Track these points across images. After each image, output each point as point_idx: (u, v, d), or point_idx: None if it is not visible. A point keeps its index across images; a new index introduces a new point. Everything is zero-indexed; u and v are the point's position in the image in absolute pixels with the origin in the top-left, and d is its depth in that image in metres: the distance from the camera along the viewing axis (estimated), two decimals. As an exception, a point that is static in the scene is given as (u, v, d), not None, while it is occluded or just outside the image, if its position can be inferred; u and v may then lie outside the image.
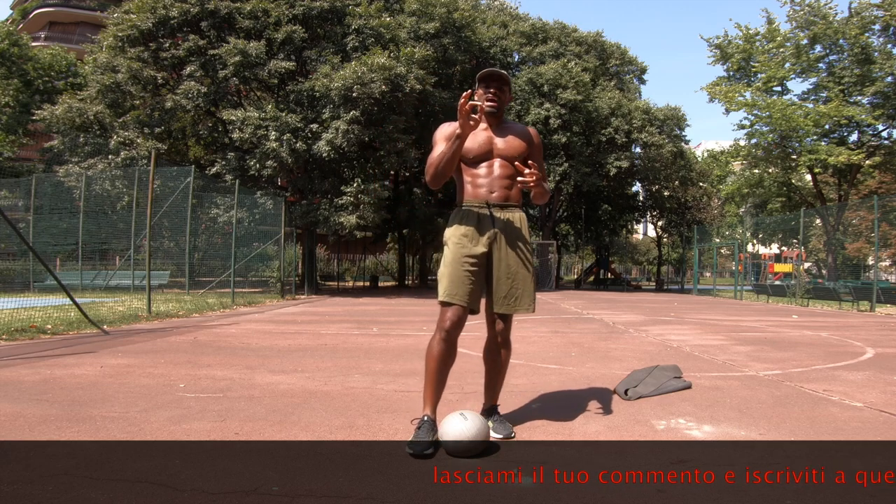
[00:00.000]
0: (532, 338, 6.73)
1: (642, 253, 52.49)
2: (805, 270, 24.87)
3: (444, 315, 2.51)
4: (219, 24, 16.96)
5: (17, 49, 24.11)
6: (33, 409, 3.03)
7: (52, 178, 17.62)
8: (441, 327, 2.50)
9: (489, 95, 2.63)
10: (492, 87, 2.63)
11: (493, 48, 22.55)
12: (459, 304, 2.50)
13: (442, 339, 2.49)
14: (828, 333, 7.70)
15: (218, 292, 14.22)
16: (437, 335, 2.51)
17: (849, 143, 23.40)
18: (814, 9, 22.50)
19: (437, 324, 2.54)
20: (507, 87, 2.66)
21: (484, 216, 2.60)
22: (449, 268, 2.55)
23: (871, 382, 4.10)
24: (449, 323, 2.49)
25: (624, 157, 23.46)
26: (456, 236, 2.59)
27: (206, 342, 5.97)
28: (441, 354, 2.49)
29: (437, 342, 2.50)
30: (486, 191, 2.61)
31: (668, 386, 3.68)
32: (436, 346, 2.50)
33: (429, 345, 2.54)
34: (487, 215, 2.60)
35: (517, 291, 2.62)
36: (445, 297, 2.52)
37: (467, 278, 2.52)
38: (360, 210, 16.26)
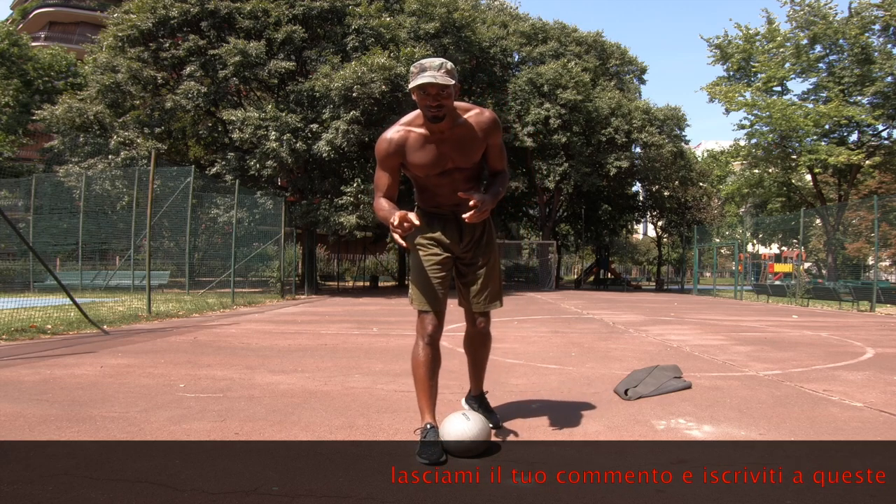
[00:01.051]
0: (532, 338, 6.73)
1: (642, 253, 52.47)
2: (805, 270, 24.86)
3: (424, 321, 2.49)
4: (219, 24, 16.96)
5: (17, 49, 24.11)
6: (33, 409, 3.03)
7: (52, 178, 17.63)
8: (423, 333, 2.48)
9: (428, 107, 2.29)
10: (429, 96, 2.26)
11: (493, 48, 22.53)
12: (436, 311, 2.49)
13: (426, 345, 2.47)
14: (828, 333, 7.69)
15: (218, 292, 14.22)
16: (420, 342, 2.48)
17: (849, 143, 23.41)
18: (814, 9, 22.50)
19: (417, 331, 2.51)
20: (448, 87, 2.25)
21: (448, 219, 2.56)
22: (420, 275, 2.51)
23: (871, 382, 4.10)
24: (431, 328, 2.48)
25: (624, 157, 23.45)
26: (422, 243, 2.53)
27: (206, 342, 5.97)
28: (428, 359, 2.46)
29: (421, 348, 2.47)
30: (447, 199, 2.51)
31: (668, 386, 3.68)
32: (421, 353, 2.47)
33: (413, 353, 2.49)
34: (452, 219, 2.55)
35: (487, 291, 2.62)
36: (421, 305, 2.49)
37: (438, 284, 2.50)
38: (360, 210, 16.26)
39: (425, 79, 2.23)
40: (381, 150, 2.44)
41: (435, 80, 2.22)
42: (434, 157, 2.41)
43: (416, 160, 2.42)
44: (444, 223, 2.55)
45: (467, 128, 2.42)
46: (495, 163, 2.59)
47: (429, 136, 2.40)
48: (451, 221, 2.54)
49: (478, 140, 2.44)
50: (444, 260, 2.53)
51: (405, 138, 2.42)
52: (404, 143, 2.42)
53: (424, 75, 2.24)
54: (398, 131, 2.44)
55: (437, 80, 2.22)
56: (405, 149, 2.42)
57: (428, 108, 2.29)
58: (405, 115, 2.51)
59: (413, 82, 2.26)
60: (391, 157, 2.43)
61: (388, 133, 2.44)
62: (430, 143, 2.40)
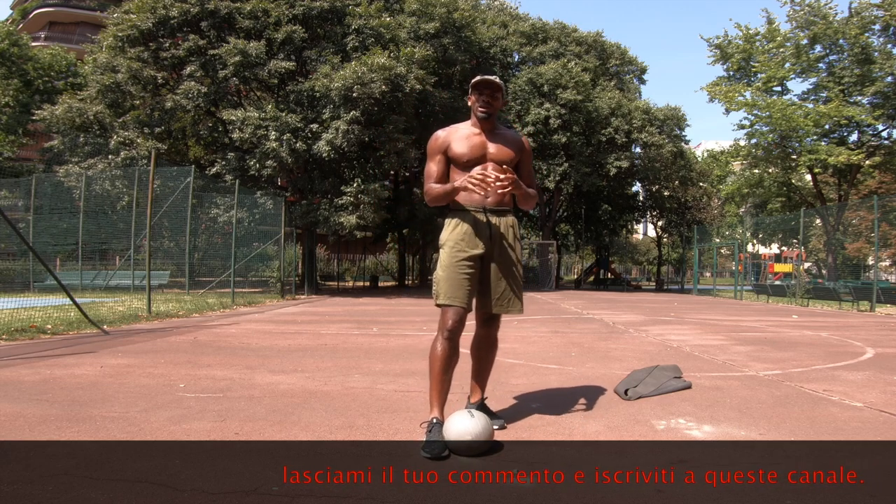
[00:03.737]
0: (532, 338, 6.73)
1: (642, 253, 52.48)
2: (805, 270, 24.88)
3: (446, 316, 2.56)
4: (219, 24, 16.96)
5: (17, 49, 24.11)
6: (33, 409, 3.03)
7: (52, 178, 17.62)
8: (444, 328, 2.55)
9: (482, 101, 2.64)
10: (484, 94, 2.64)
11: (493, 48, 22.55)
12: (460, 306, 2.55)
13: (446, 340, 2.54)
14: (828, 333, 7.70)
15: (218, 292, 14.22)
16: (440, 336, 2.56)
17: (849, 143, 23.40)
18: (814, 9, 22.50)
19: (438, 326, 2.59)
20: (499, 93, 2.66)
21: (479, 220, 2.64)
22: (447, 271, 2.60)
23: (871, 382, 4.10)
24: (451, 323, 2.54)
25: (624, 157, 23.46)
26: (453, 240, 2.63)
27: (206, 342, 5.97)
28: (445, 355, 2.53)
29: (440, 343, 2.55)
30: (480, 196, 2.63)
31: (668, 386, 3.68)
32: (440, 348, 2.54)
33: (432, 347, 2.58)
34: (483, 219, 2.64)
35: (510, 293, 2.69)
36: (446, 300, 2.57)
37: (465, 281, 2.58)
38: (360, 210, 16.26)
39: (483, 77, 2.64)
40: (431, 144, 2.75)
41: (493, 78, 2.64)
42: (474, 144, 2.67)
43: (458, 148, 2.68)
44: (476, 222, 2.64)
45: (508, 135, 2.77)
46: (526, 181, 2.77)
47: (473, 132, 2.71)
48: (482, 221, 2.64)
49: (514, 145, 2.73)
50: (472, 257, 2.61)
51: (451, 132, 2.74)
52: (450, 136, 2.72)
53: (484, 76, 2.66)
54: (446, 129, 2.78)
55: (494, 78, 2.65)
56: (450, 140, 2.71)
57: (482, 104, 2.64)
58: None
59: (474, 81, 2.67)
60: (442, 143, 2.71)
61: (439, 131, 2.79)
62: (474, 136, 2.70)
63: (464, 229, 2.63)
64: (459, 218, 2.66)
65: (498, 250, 2.67)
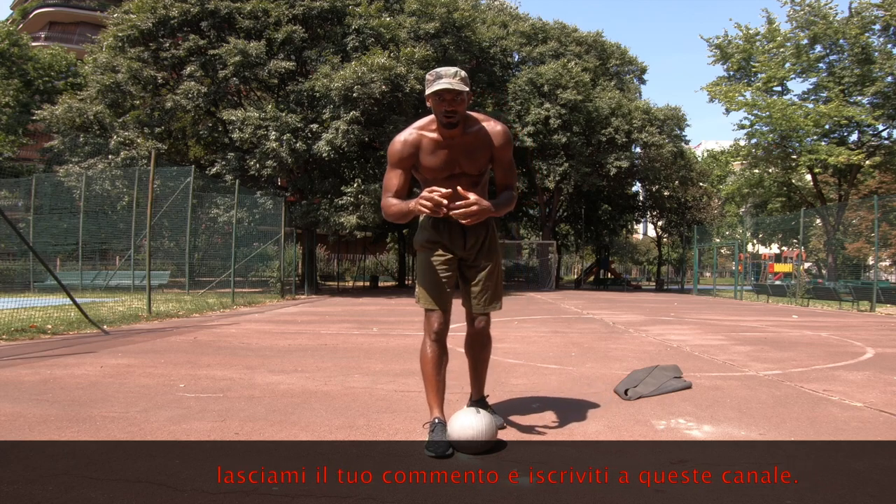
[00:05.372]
0: (532, 338, 6.73)
1: (642, 253, 52.47)
2: (805, 270, 24.85)
3: (430, 320, 2.57)
4: (219, 24, 16.96)
5: (17, 49, 24.12)
6: (33, 409, 3.03)
7: (52, 178, 17.62)
8: (430, 331, 2.57)
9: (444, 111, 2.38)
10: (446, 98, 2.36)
11: (493, 48, 22.52)
12: (441, 310, 2.57)
13: (433, 342, 2.57)
14: (828, 333, 7.70)
15: (218, 292, 14.22)
16: (427, 339, 2.58)
17: (849, 143, 23.40)
18: (814, 9, 22.49)
19: (424, 329, 2.60)
20: (462, 93, 2.36)
21: (454, 224, 2.56)
22: (426, 275, 2.59)
23: (871, 382, 4.10)
24: (437, 325, 2.56)
25: (624, 157, 23.45)
26: (428, 243, 2.61)
27: (206, 342, 5.97)
28: (434, 356, 2.55)
29: (428, 346, 2.57)
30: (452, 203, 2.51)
31: (668, 386, 3.68)
32: (429, 350, 2.56)
33: (421, 350, 2.60)
34: (457, 223, 2.54)
35: (487, 292, 2.66)
36: (426, 304, 2.58)
37: (444, 283, 2.58)
38: (360, 210, 16.27)
39: (441, 85, 2.33)
40: (395, 152, 2.51)
41: (451, 87, 2.33)
42: (444, 160, 2.49)
43: (427, 163, 2.50)
44: (450, 227, 2.60)
45: (478, 136, 2.51)
46: (503, 177, 2.63)
47: (440, 141, 2.48)
48: (456, 225, 2.57)
49: (486, 148, 2.52)
50: (449, 260, 2.59)
51: (419, 140, 2.50)
52: (418, 145, 2.50)
53: (441, 82, 2.35)
54: (412, 133, 2.52)
55: (452, 86, 2.33)
56: (419, 151, 2.50)
57: (443, 114, 2.39)
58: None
59: (429, 89, 2.38)
60: (405, 158, 2.50)
61: (401, 135, 2.53)
62: (442, 148, 2.48)
63: (438, 232, 2.59)
64: (433, 221, 2.59)
65: (473, 251, 2.63)
